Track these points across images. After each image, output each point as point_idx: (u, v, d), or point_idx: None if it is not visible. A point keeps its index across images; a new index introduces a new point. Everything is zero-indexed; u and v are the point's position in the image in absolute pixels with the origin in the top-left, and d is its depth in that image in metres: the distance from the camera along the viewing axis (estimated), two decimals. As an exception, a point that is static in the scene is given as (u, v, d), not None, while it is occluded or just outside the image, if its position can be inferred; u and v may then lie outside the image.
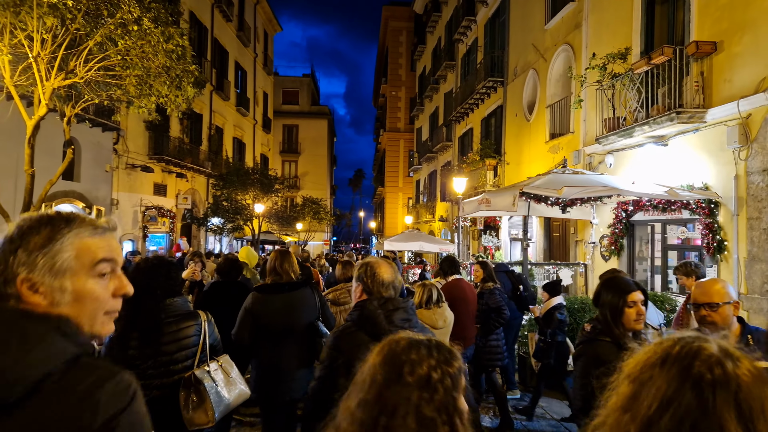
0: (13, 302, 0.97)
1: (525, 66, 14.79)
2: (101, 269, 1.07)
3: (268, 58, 36.05)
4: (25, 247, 1.01)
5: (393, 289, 2.26)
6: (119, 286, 1.11)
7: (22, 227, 1.04)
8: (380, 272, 2.25)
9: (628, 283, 2.56)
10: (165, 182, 20.58)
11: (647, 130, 8.30)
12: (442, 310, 4.22)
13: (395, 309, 2.14)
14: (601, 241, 10.35)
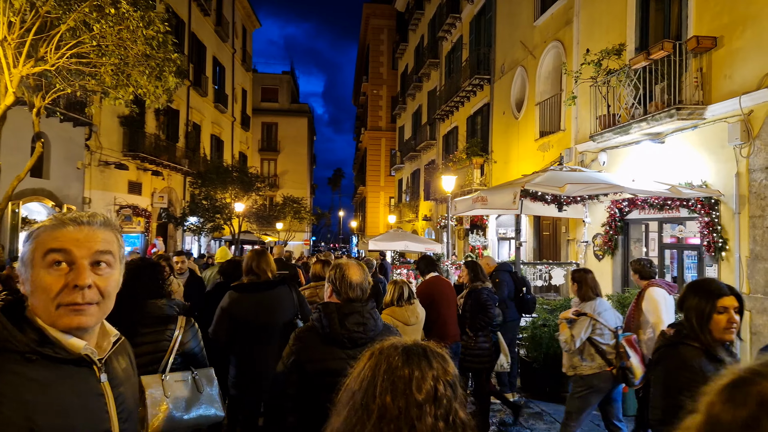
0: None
1: (513, 63, 14.61)
2: (51, 259, 1.10)
3: (246, 54, 35.35)
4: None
5: (360, 290, 2.27)
6: (73, 278, 1.11)
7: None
8: (349, 274, 2.26)
9: (720, 287, 2.31)
10: (140, 180, 19.86)
11: (645, 126, 8.14)
12: (413, 306, 4.25)
13: (350, 313, 2.16)
14: (594, 240, 10.19)
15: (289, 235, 30.78)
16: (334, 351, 2.13)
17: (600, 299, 4.27)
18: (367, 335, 2.16)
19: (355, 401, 0.98)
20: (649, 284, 4.54)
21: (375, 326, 2.21)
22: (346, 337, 2.13)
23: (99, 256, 1.14)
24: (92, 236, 1.13)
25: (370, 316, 2.21)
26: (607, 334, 4.15)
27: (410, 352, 1.02)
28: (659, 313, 4.31)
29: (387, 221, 35.11)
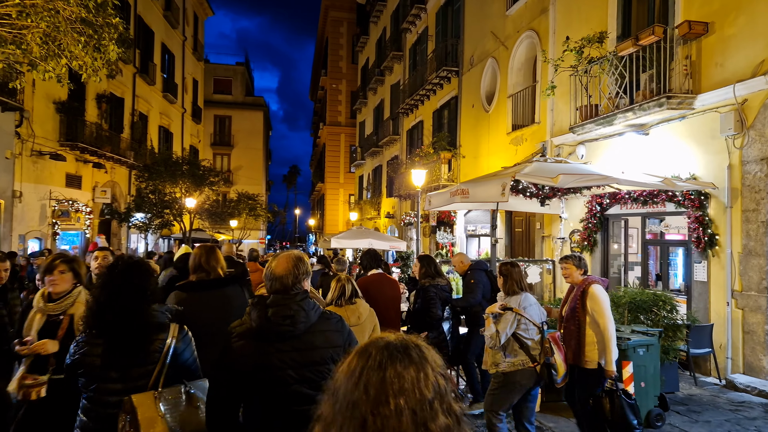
0: None
1: (483, 55, 14.15)
2: None
3: (198, 43, 33.67)
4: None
5: (281, 283, 2.18)
6: None
7: None
8: (272, 266, 2.23)
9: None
10: (80, 173, 18.26)
11: (631, 117, 7.76)
12: (355, 306, 4.03)
13: (275, 305, 2.11)
14: (572, 237, 9.81)
15: (243, 234, 29.45)
16: (263, 345, 2.07)
17: (526, 294, 4.10)
18: (296, 327, 2.08)
19: (359, 410, 0.91)
20: (589, 280, 4.23)
21: (306, 318, 2.13)
22: (272, 331, 2.06)
23: None
24: None
25: (299, 308, 2.12)
26: (532, 330, 4.00)
27: (408, 347, 0.98)
28: (607, 313, 4.08)
29: (346, 219, 34.29)
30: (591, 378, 4.08)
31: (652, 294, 6.12)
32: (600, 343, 4.04)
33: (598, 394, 4.07)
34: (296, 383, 2.06)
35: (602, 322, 4.04)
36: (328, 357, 2.14)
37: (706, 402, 5.77)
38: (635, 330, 5.25)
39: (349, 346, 2.22)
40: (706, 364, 6.90)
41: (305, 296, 2.21)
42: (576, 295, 4.26)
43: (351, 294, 4.07)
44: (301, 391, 2.07)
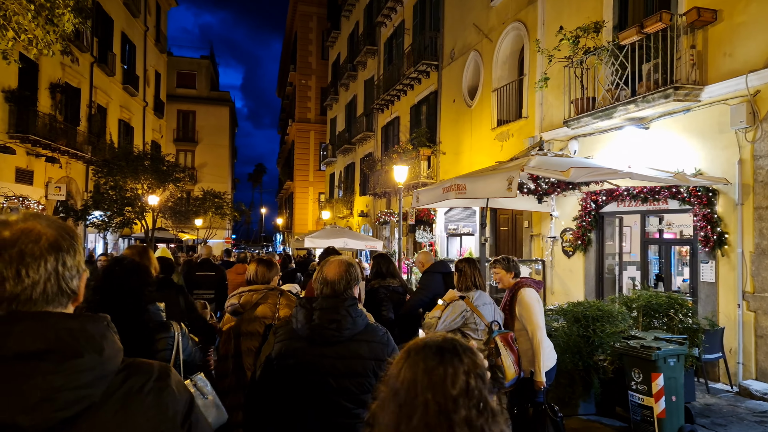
0: None
1: (464, 48, 13.69)
2: None
3: (161, 34, 32.20)
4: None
5: (332, 288, 2.14)
6: None
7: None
8: (324, 270, 2.19)
9: None
10: (31, 167, 16.93)
11: (632, 109, 7.39)
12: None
13: (322, 309, 2.08)
14: (563, 236, 9.43)
15: (209, 233, 28.24)
16: (306, 348, 2.04)
17: (480, 291, 3.88)
18: (341, 333, 2.04)
19: (399, 398, 1.03)
20: (520, 284, 4.00)
21: (353, 325, 2.09)
22: (317, 334, 2.04)
23: None
24: None
25: (346, 313, 2.09)
26: (481, 330, 3.79)
27: (443, 350, 1.06)
28: (537, 318, 3.86)
29: (316, 217, 33.46)
30: (524, 386, 3.81)
31: (666, 296, 5.72)
32: (528, 351, 3.83)
33: (524, 406, 3.86)
34: (334, 393, 1.99)
35: (530, 329, 3.83)
36: (371, 369, 2.04)
37: (727, 413, 5.40)
38: (659, 337, 4.81)
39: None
40: (715, 369, 6.57)
41: (354, 302, 2.14)
42: (506, 299, 4.04)
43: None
44: (337, 401, 1.99)
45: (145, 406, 0.94)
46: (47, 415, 0.83)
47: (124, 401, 0.92)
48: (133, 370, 0.97)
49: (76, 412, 0.86)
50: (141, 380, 0.96)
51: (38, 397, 0.84)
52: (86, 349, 0.89)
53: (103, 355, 0.91)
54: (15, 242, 0.92)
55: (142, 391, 0.95)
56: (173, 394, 0.98)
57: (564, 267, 9.42)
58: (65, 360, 0.87)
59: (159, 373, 0.99)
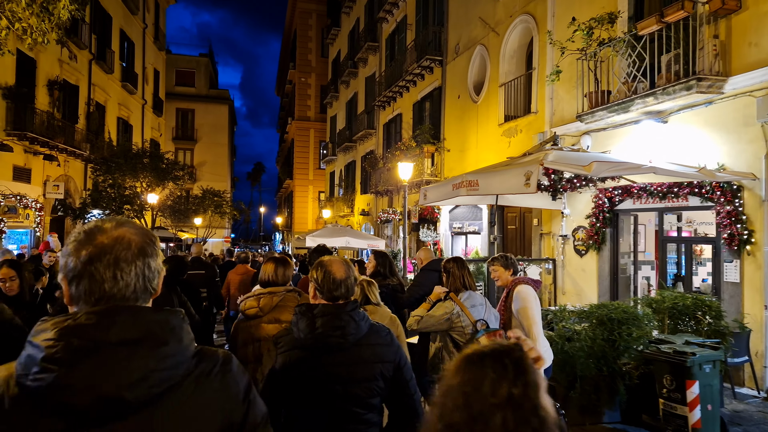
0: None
1: (470, 42, 13.41)
2: None
3: (159, 32, 31.87)
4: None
5: (345, 288, 2.09)
6: None
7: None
8: (332, 270, 2.10)
9: None
10: (29, 165, 16.63)
11: (651, 102, 7.11)
12: (371, 312, 3.44)
13: (324, 315, 1.99)
14: (576, 234, 9.16)
15: (208, 232, 27.93)
16: (311, 358, 1.95)
17: (470, 292, 3.76)
18: (346, 340, 1.96)
19: (448, 406, 0.97)
20: (516, 281, 4.00)
21: (357, 329, 2.00)
22: (321, 342, 1.95)
23: None
24: None
25: (350, 319, 2.00)
26: (470, 333, 3.62)
27: (486, 357, 1.00)
28: (534, 315, 3.79)
29: (316, 216, 33.17)
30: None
31: (692, 298, 5.45)
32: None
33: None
34: (343, 400, 1.94)
35: (526, 324, 3.76)
36: (378, 373, 2.00)
37: (758, 420, 5.14)
38: (690, 341, 4.54)
39: (400, 361, 2.09)
40: (740, 373, 6.30)
41: (356, 306, 2.08)
42: (503, 297, 4.02)
43: (363, 299, 3.48)
44: (347, 408, 1.95)
45: (213, 387, 1.10)
46: (144, 391, 0.99)
47: (197, 382, 1.07)
48: (203, 356, 1.12)
49: (164, 389, 1.02)
50: (210, 365, 1.11)
51: (138, 376, 0.99)
52: (170, 338, 1.05)
53: (182, 343, 1.07)
54: (112, 249, 1.07)
55: (210, 374, 1.10)
56: (234, 378, 1.15)
57: (576, 266, 9.15)
58: (156, 347, 1.02)
59: (223, 360, 1.15)
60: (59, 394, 0.94)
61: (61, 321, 0.99)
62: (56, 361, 0.95)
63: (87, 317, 1.00)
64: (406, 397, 2.08)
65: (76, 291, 1.05)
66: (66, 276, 1.07)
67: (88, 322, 0.99)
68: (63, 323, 0.99)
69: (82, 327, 0.98)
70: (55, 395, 0.94)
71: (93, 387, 0.95)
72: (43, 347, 0.96)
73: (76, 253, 1.06)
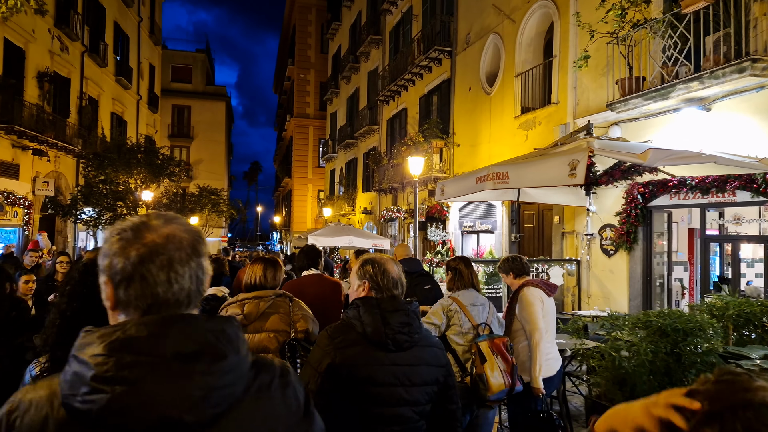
0: None
1: (482, 31, 12.76)
2: None
3: (155, 26, 31.10)
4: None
5: (402, 287, 2.04)
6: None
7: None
8: (389, 269, 2.03)
9: None
10: (17, 161, 15.92)
11: (695, 88, 6.47)
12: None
13: (395, 311, 1.91)
14: (603, 233, 8.52)
15: (205, 231, 27.22)
16: (378, 355, 1.85)
17: (471, 290, 3.62)
18: (412, 338, 1.91)
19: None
20: (524, 284, 3.87)
21: (419, 328, 1.97)
22: (390, 338, 1.86)
23: None
24: None
25: (415, 317, 1.96)
26: (467, 333, 3.45)
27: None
28: (535, 320, 3.65)
29: (316, 215, 32.49)
30: (522, 394, 3.55)
31: (759, 304, 4.81)
32: (523, 352, 3.68)
33: (538, 412, 3.60)
34: (404, 403, 1.84)
35: (528, 328, 3.66)
36: (435, 377, 1.93)
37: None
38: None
39: (449, 367, 2.03)
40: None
41: (417, 305, 2.01)
42: (510, 301, 3.94)
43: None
44: (405, 413, 1.85)
45: (273, 402, 1.00)
46: (205, 412, 0.89)
47: (257, 397, 0.98)
48: (260, 367, 1.02)
49: (225, 408, 0.92)
50: (268, 377, 1.01)
51: (198, 396, 0.89)
52: (228, 351, 0.94)
53: (240, 354, 0.96)
54: (164, 248, 0.97)
55: (270, 387, 1.01)
56: (295, 390, 1.05)
57: (603, 267, 8.51)
58: (215, 361, 0.91)
59: (281, 371, 1.05)
60: (113, 418, 0.83)
61: (108, 333, 0.89)
62: (108, 381, 0.84)
63: (137, 328, 0.89)
64: (453, 405, 1.99)
65: (125, 295, 0.95)
66: (111, 278, 0.96)
67: (139, 334, 0.89)
68: (111, 336, 0.88)
69: (133, 340, 0.88)
70: (109, 419, 0.83)
71: (150, 409, 0.84)
72: (92, 364, 0.85)
73: (124, 252, 0.96)
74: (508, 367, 3.29)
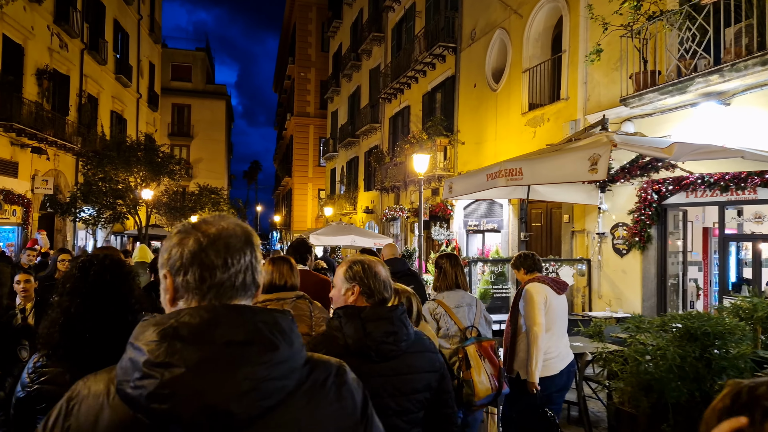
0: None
1: (488, 27, 12.54)
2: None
3: (155, 24, 30.87)
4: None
5: (391, 289, 1.93)
6: None
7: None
8: (377, 270, 1.92)
9: None
10: (16, 159, 15.69)
11: (714, 81, 6.26)
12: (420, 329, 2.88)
13: (377, 319, 1.78)
14: (615, 232, 8.30)
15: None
16: (362, 368, 1.63)
17: (456, 290, 3.55)
18: (399, 347, 1.79)
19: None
20: (531, 279, 3.80)
21: (407, 335, 1.83)
22: (373, 350, 1.75)
23: None
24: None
25: (401, 324, 1.82)
26: (453, 336, 3.40)
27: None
28: (534, 315, 3.59)
29: (316, 214, 32.27)
30: (518, 389, 3.57)
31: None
32: (523, 351, 3.62)
33: (533, 408, 3.53)
34: (393, 414, 1.77)
35: (528, 323, 3.60)
36: (427, 383, 1.84)
37: None
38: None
39: (443, 370, 1.92)
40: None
41: (404, 310, 1.89)
42: (515, 298, 3.91)
43: (417, 315, 2.80)
44: (396, 424, 1.77)
45: (327, 400, 0.97)
46: (254, 404, 0.87)
47: (310, 393, 0.95)
48: (315, 364, 1.00)
49: (275, 402, 0.89)
50: (323, 375, 0.99)
51: (248, 386, 0.86)
52: (281, 342, 0.91)
53: (293, 347, 0.94)
54: (220, 236, 0.98)
55: (324, 385, 0.98)
56: (351, 390, 1.02)
57: (615, 267, 8.30)
58: (265, 351, 0.89)
59: (338, 370, 1.02)
60: (161, 404, 0.82)
61: (163, 321, 0.89)
62: (158, 366, 0.84)
63: (190, 316, 0.89)
64: (448, 409, 1.92)
65: (183, 281, 0.95)
66: (171, 268, 0.97)
67: (191, 321, 0.88)
68: (166, 323, 0.88)
69: (185, 327, 0.87)
70: (157, 404, 0.82)
71: (198, 396, 0.82)
72: (145, 350, 0.85)
73: (182, 243, 0.97)
74: (495, 371, 3.25)
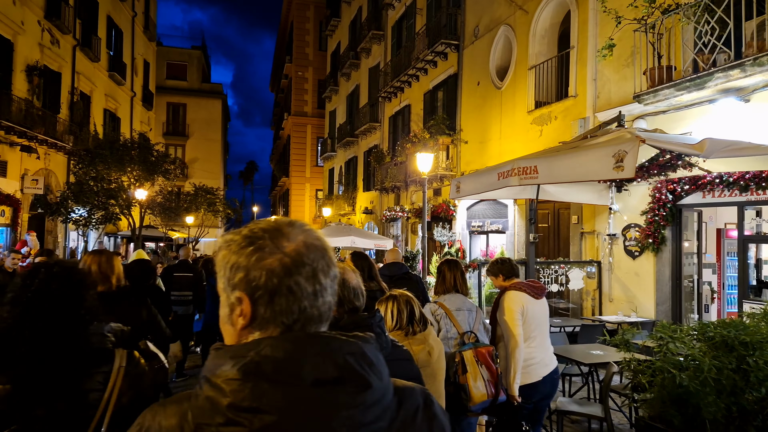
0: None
1: (492, 23, 12.26)
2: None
3: (150, 21, 30.47)
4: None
5: (363, 297, 1.85)
6: None
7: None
8: (348, 278, 1.85)
9: None
10: (4, 157, 15.29)
11: (735, 76, 5.98)
12: (424, 336, 2.71)
13: (354, 328, 1.61)
14: (626, 233, 8.02)
15: (201, 231, 26.55)
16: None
17: (458, 294, 3.53)
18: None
19: None
20: (509, 287, 3.71)
21: (386, 344, 1.69)
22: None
23: None
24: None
25: (381, 332, 1.71)
26: (451, 339, 3.35)
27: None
28: (511, 327, 3.51)
29: (314, 215, 31.92)
30: (503, 403, 3.43)
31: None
32: (503, 360, 3.53)
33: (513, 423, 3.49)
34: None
35: (506, 334, 3.54)
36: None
37: None
38: None
39: (419, 378, 1.85)
40: None
41: (381, 317, 1.79)
42: (494, 305, 3.81)
43: (421, 318, 2.72)
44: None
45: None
46: None
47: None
48: (402, 394, 0.88)
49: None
50: (412, 407, 0.89)
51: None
52: (372, 378, 0.81)
53: (383, 381, 0.83)
54: (308, 258, 0.85)
55: (415, 420, 0.87)
56: (441, 423, 0.91)
57: (627, 270, 8.02)
58: (359, 391, 0.78)
59: (424, 400, 0.92)
60: None
61: (241, 353, 0.78)
62: (246, 410, 0.74)
63: (273, 349, 0.77)
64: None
65: (267, 311, 0.82)
66: (251, 294, 0.82)
67: (275, 354, 0.77)
68: (245, 357, 0.77)
69: (270, 362, 0.76)
70: None
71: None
72: (227, 390, 0.75)
73: (264, 263, 0.82)
74: (492, 377, 3.20)
